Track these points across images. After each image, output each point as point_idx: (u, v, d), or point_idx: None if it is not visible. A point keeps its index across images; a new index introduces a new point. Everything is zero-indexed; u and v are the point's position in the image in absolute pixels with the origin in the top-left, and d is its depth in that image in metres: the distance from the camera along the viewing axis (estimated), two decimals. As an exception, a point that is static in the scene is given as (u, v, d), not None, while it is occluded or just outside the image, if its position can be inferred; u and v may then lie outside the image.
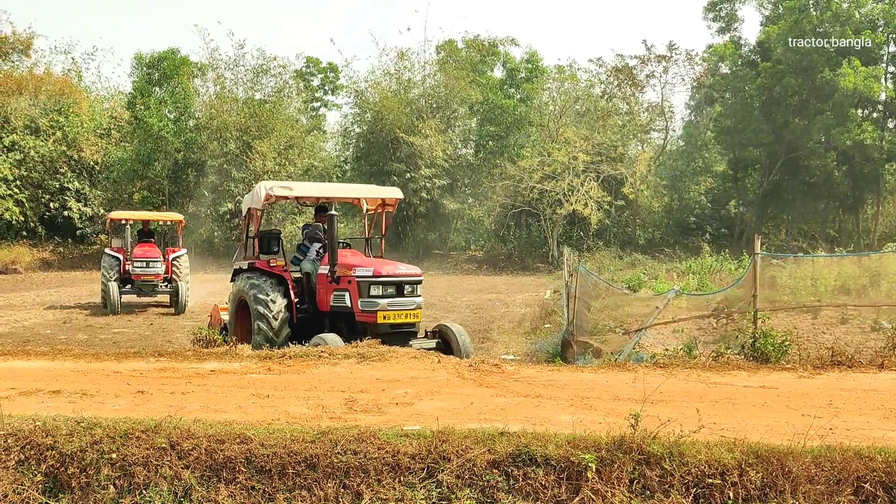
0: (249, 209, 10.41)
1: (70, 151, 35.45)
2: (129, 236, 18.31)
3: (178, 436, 4.33)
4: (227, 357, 7.78)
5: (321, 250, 10.25)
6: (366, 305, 8.92)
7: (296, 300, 9.68)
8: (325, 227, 9.76)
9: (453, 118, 37.29)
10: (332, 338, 8.57)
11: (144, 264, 17.53)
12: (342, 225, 29.11)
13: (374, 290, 8.90)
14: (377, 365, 7.00)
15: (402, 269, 9.25)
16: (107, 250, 18.50)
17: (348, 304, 9.11)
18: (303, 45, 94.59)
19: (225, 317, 10.97)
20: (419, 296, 9.25)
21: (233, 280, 10.55)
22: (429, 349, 9.01)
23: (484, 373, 6.67)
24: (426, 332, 9.57)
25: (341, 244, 10.28)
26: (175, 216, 20.61)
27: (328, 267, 9.47)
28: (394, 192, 10.58)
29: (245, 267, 10.24)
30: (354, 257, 9.75)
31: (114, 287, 16.88)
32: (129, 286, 17.70)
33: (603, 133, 34.55)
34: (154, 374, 6.79)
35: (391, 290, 8.97)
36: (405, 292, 9.09)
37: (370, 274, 8.96)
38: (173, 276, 18.02)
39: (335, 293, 9.36)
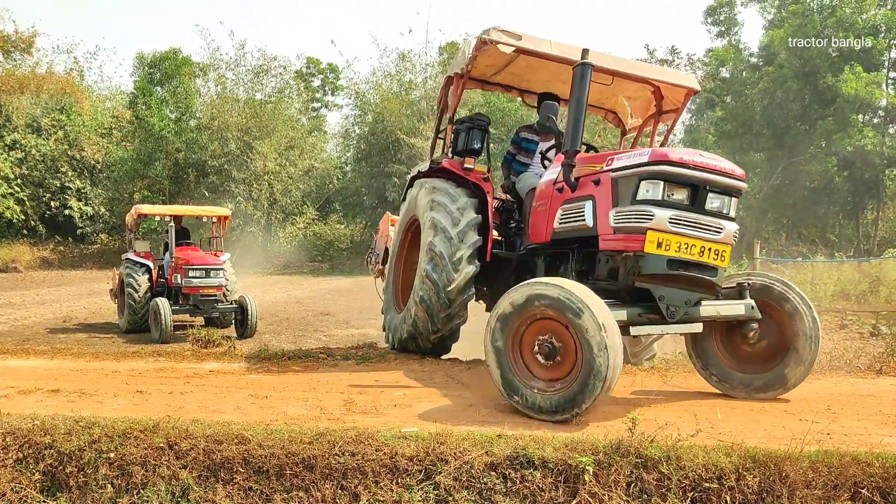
0: (448, 81, 7.04)
1: (71, 151, 35.50)
2: (172, 237, 14.12)
3: (176, 436, 4.34)
4: (225, 357, 7.81)
5: (550, 152, 6.89)
6: (625, 218, 5.01)
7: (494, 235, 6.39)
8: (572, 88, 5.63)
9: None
10: (552, 282, 4.62)
11: (203, 273, 13.31)
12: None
13: (647, 191, 4.93)
14: (376, 367, 7.00)
15: (707, 159, 5.02)
16: (130, 255, 14.39)
17: (589, 220, 5.36)
18: (303, 45, 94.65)
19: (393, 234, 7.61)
20: (733, 218, 5.08)
21: (404, 198, 7.35)
22: (733, 318, 5.32)
23: (483, 376, 6.66)
24: (717, 294, 5.24)
25: (584, 147, 6.56)
26: (221, 210, 15.86)
27: (559, 167, 5.87)
28: (686, 80, 7.01)
29: (425, 170, 7.04)
30: None
31: (165, 306, 12.56)
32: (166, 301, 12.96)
33: (604, 136, 34.55)
34: (153, 373, 6.80)
35: (681, 195, 4.92)
36: (708, 206, 4.96)
37: (644, 160, 4.97)
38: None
39: (565, 206, 5.71)
